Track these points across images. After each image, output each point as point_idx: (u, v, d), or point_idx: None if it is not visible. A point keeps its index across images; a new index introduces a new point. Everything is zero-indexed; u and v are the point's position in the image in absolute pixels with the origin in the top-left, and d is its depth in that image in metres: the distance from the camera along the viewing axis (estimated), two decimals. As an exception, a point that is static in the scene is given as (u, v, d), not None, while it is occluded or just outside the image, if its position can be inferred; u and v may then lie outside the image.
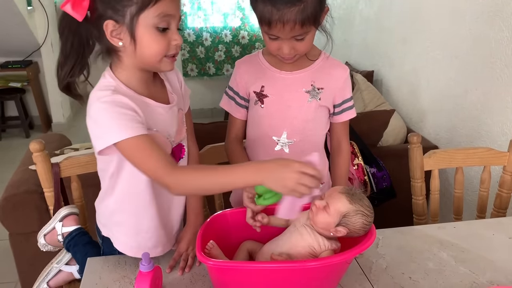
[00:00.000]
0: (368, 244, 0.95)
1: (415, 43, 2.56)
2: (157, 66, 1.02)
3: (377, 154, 2.06)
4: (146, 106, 1.02)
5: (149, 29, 0.95)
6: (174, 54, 1.01)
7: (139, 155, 0.96)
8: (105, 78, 1.03)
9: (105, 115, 0.96)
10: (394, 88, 2.87)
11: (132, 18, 0.94)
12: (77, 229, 1.27)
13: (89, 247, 1.24)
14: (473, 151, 1.54)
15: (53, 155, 2.08)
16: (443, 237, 1.25)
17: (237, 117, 1.30)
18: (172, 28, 0.98)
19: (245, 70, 1.25)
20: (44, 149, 1.29)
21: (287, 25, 1.04)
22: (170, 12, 0.96)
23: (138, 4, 0.93)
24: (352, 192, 1.00)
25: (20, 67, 4.04)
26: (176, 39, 0.99)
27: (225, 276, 0.96)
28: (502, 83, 1.87)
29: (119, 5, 0.94)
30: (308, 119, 1.24)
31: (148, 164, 0.96)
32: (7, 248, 1.93)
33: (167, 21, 0.96)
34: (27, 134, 4.19)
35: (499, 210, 1.58)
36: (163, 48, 0.98)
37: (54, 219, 1.30)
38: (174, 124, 1.11)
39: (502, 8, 1.84)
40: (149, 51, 0.98)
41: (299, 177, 0.87)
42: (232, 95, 1.28)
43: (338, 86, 1.24)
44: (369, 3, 3.19)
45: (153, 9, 0.94)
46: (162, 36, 0.97)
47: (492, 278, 1.09)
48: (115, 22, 0.95)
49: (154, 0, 0.93)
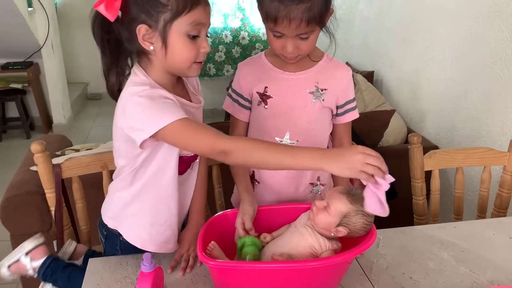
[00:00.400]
0: (369, 244, 0.95)
1: (415, 43, 2.56)
2: (185, 72, 1.05)
3: (378, 154, 2.06)
4: (180, 104, 1.04)
5: (181, 36, 0.98)
6: (201, 61, 1.04)
7: (188, 134, 0.96)
8: (137, 76, 1.03)
9: (146, 107, 0.96)
10: (395, 88, 2.87)
11: (165, 24, 0.96)
12: (48, 258, 1.21)
13: (69, 269, 1.20)
14: (473, 151, 1.55)
15: (54, 156, 2.08)
16: (444, 237, 1.25)
17: (240, 118, 1.29)
18: (202, 35, 1.01)
19: (248, 72, 1.25)
20: (46, 150, 1.30)
21: (293, 22, 1.04)
22: (202, 20, 0.98)
23: (173, 11, 0.95)
24: (353, 193, 1.01)
25: (21, 68, 4.04)
26: (204, 47, 1.01)
27: (226, 276, 0.97)
28: (502, 83, 1.87)
29: (154, 11, 0.96)
30: (312, 120, 1.24)
31: (202, 138, 0.96)
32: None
33: (198, 29, 0.99)
34: (28, 135, 4.19)
35: (499, 210, 1.58)
36: (193, 55, 1.00)
37: (17, 251, 1.23)
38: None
39: (501, 9, 1.84)
40: (179, 57, 1.00)
41: (364, 157, 0.89)
42: (236, 97, 1.28)
43: (341, 87, 1.24)
44: (369, 4, 3.19)
45: (186, 17, 0.96)
46: (193, 43, 0.99)
47: (492, 278, 1.09)
48: (148, 26, 0.97)
49: (188, 8, 0.95)
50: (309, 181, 1.30)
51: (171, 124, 0.94)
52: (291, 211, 1.13)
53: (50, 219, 1.84)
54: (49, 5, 3.94)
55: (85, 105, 5.11)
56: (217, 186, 1.53)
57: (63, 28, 4.61)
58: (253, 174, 1.31)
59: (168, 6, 0.95)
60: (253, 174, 1.31)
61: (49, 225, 1.87)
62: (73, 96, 4.71)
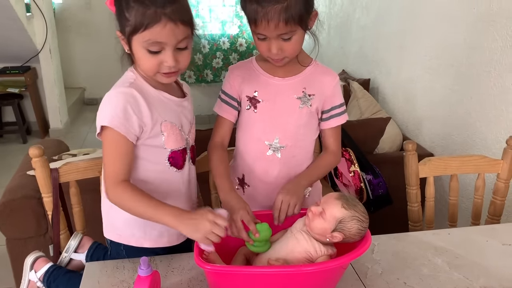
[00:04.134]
0: (364, 250, 0.96)
1: (411, 51, 2.59)
2: (153, 78, 1.09)
3: (373, 161, 2.08)
4: (160, 99, 1.11)
5: (141, 49, 1.03)
6: (167, 72, 1.06)
7: (110, 152, 1.06)
8: (126, 75, 1.12)
9: (112, 102, 1.05)
10: (390, 96, 2.89)
11: (128, 35, 1.02)
12: (51, 267, 1.26)
13: (70, 274, 1.25)
14: (467, 159, 1.56)
15: (51, 160, 2.08)
16: (438, 243, 1.26)
17: (225, 117, 1.28)
18: (165, 51, 1.03)
19: (238, 74, 1.28)
20: (43, 154, 1.30)
21: (271, 23, 1.07)
22: (160, 39, 1.01)
23: (132, 27, 1.00)
24: (347, 198, 1.02)
25: (18, 72, 4.04)
26: (167, 61, 1.04)
27: (222, 280, 0.97)
28: (497, 91, 1.89)
29: (122, 21, 1.02)
30: (300, 125, 1.25)
31: (109, 165, 1.06)
32: (4, 254, 1.93)
33: (158, 46, 1.02)
34: (25, 140, 4.18)
35: (493, 217, 1.59)
36: (154, 68, 1.05)
37: (24, 273, 1.29)
38: (187, 121, 1.18)
39: (495, 19, 1.87)
40: (142, 66, 1.07)
41: (211, 226, 0.97)
42: (224, 97, 1.29)
43: (328, 92, 1.26)
44: (366, 12, 3.22)
45: (143, 34, 1.00)
46: (154, 56, 1.03)
47: (485, 283, 1.10)
48: (120, 32, 1.05)
49: (143, 27, 0.99)
50: None
51: (110, 130, 1.03)
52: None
53: (47, 223, 1.84)
54: (47, 10, 3.96)
55: (82, 110, 5.12)
56: (213, 192, 1.53)
57: (61, 33, 4.63)
58: (243, 178, 1.32)
59: (129, 21, 1.00)
60: (243, 178, 1.32)
61: (45, 230, 1.87)
62: (70, 101, 4.72)
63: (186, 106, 1.19)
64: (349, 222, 0.99)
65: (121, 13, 1.02)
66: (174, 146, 1.14)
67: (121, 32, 1.05)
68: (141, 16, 0.98)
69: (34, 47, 3.93)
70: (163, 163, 1.14)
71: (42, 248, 1.85)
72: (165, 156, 1.14)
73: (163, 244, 1.19)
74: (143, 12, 0.98)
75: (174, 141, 1.13)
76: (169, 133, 1.12)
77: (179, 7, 1.00)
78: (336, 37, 3.74)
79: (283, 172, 1.28)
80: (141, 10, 0.98)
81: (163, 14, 0.98)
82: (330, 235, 1.01)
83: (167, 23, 0.98)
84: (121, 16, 1.02)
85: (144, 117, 1.06)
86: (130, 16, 0.99)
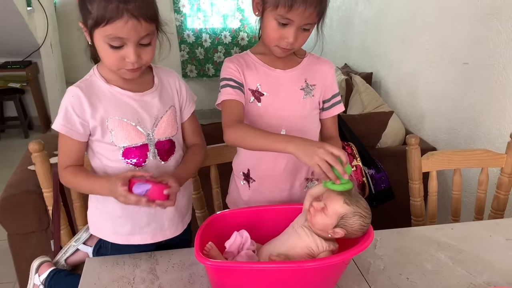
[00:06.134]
0: (366, 245, 0.95)
1: (414, 45, 2.57)
2: (116, 73, 1.08)
3: (376, 155, 2.07)
4: (113, 94, 1.11)
5: (102, 43, 1.02)
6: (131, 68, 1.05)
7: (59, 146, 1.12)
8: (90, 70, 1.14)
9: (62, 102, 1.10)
10: (393, 90, 2.87)
11: (90, 28, 1.01)
12: (52, 270, 1.29)
13: (70, 277, 1.27)
14: (471, 153, 1.55)
15: (52, 155, 2.06)
16: (441, 238, 1.25)
17: (236, 99, 1.18)
18: (127, 46, 1.01)
19: (238, 64, 1.23)
20: (44, 149, 1.30)
21: (308, 10, 1.06)
22: (121, 35, 0.99)
23: (93, 20, 0.99)
24: (350, 194, 1.01)
25: (20, 67, 4.04)
26: (129, 57, 1.02)
27: (223, 276, 0.97)
28: (500, 85, 1.87)
29: (84, 12, 1.01)
30: (305, 116, 1.25)
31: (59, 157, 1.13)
32: (5, 248, 1.93)
33: (119, 42, 1.01)
34: (26, 135, 4.19)
35: (496, 212, 1.58)
36: (116, 62, 1.04)
37: (30, 276, 1.32)
38: (148, 116, 1.13)
39: (500, 11, 1.85)
40: (105, 61, 1.06)
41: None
42: (226, 83, 1.21)
43: (327, 81, 1.27)
44: (368, 5, 3.20)
45: (104, 29, 0.99)
46: (115, 52, 1.02)
47: (489, 279, 1.09)
48: (83, 24, 1.03)
49: (105, 22, 0.97)
50: (304, 176, 1.30)
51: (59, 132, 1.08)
52: (289, 211, 1.13)
53: (48, 218, 1.84)
54: (48, 4, 3.94)
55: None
56: (215, 186, 1.53)
57: (62, 27, 4.60)
58: (248, 172, 1.31)
59: (91, 14, 0.99)
60: (248, 172, 1.31)
61: (46, 225, 1.87)
62: (71, 96, 4.71)
63: (148, 100, 1.14)
64: (352, 218, 0.98)
65: (83, 4, 1.00)
66: (127, 143, 1.10)
67: (84, 24, 1.03)
68: (103, 10, 0.96)
69: (35, 42, 3.92)
70: (119, 160, 1.12)
71: (43, 243, 1.87)
72: (119, 153, 1.11)
73: (134, 242, 1.18)
74: (105, 6, 0.96)
75: (125, 137, 1.10)
76: (117, 130, 1.09)
77: (142, 3, 0.98)
78: (338, 30, 3.71)
79: (290, 165, 1.26)
80: (103, 4, 0.96)
81: (125, 9, 0.96)
82: (332, 231, 1.00)
83: (129, 19, 0.97)
84: (83, 8, 1.01)
85: (86, 115, 1.07)
86: (92, 8, 0.98)
